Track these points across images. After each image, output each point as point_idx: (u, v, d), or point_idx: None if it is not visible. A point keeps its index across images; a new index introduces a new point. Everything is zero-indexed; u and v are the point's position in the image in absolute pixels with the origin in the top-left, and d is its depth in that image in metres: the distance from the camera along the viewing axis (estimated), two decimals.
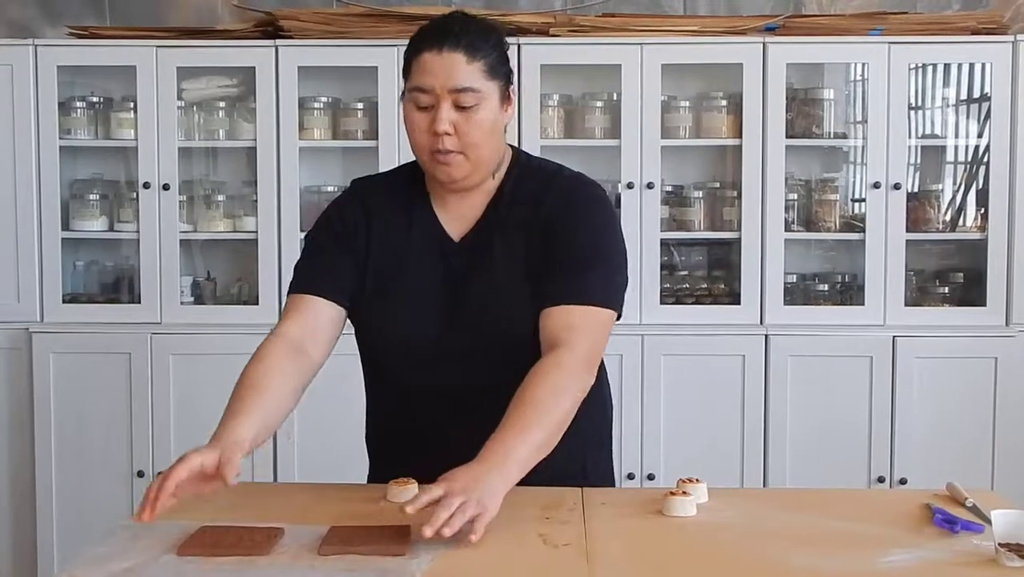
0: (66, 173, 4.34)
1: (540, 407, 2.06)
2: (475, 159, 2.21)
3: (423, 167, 2.27)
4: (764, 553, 1.86)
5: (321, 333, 2.25)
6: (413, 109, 2.20)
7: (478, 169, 2.23)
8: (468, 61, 2.16)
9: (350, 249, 2.29)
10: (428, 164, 2.23)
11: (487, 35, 2.22)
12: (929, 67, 4.34)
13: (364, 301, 2.28)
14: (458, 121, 2.17)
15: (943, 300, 4.31)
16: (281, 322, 2.26)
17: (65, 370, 4.18)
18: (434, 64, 2.16)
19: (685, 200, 4.33)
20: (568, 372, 2.12)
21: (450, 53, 2.16)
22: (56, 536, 4.19)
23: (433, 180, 2.28)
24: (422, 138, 2.20)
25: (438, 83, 2.15)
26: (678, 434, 3.99)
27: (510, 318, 2.22)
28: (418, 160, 2.27)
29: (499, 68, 2.22)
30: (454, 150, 2.18)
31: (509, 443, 2.00)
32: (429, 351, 2.24)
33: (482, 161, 2.23)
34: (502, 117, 2.24)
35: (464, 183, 2.25)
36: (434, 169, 2.22)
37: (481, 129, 2.18)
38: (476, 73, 2.17)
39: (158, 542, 1.87)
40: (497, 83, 2.21)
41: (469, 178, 2.24)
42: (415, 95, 2.18)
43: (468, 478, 1.92)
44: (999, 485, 3.96)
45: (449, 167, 2.20)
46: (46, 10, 4.61)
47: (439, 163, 2.20)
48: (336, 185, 4.37)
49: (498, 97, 2.22)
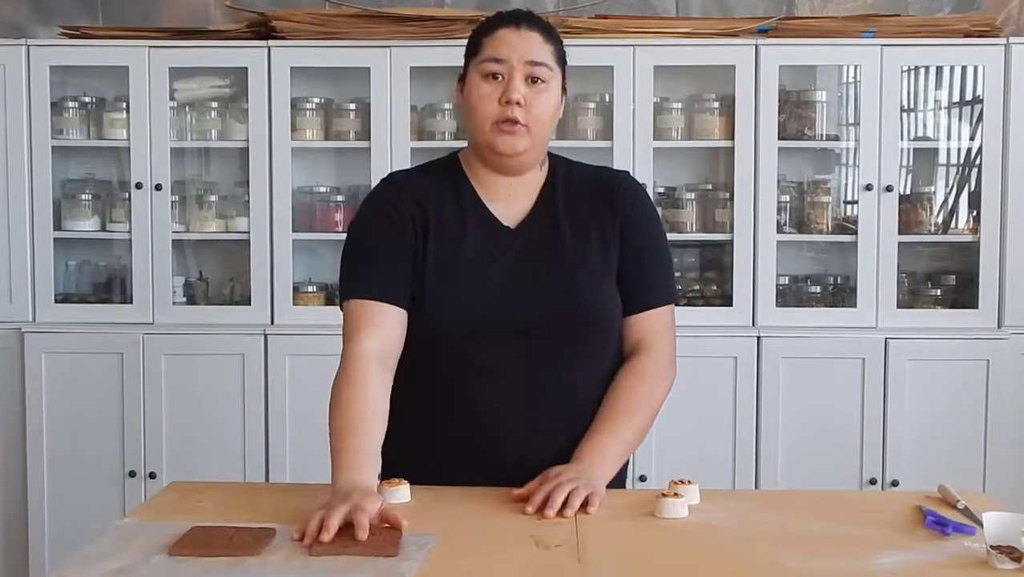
0: (58, 173, 4.33)
1: (632, 410, 2.27)
2: (536, 135, 2.26)
3: (480, 140, 2.27)
4: (756, 555, 1.86)
5: (397, 342, 2.24)
6: (481, 81, 2.24)
7: (535, 147, 2.28)
8: (544, 41, 2.27)
9: (407, 243, 2.27)
10: (490, 135, 2.25)
11: (554, 28, 2.34)
12: (921, 69, 4.35)
13: (425, 288, 2.25)
14: (528, 95, 2.23)
15: (935, 302, 4.31)
16: (359, 335, 2.20)
17: (57, 370, 4.18)
18: (512, 38, 2.24)
19: (677, 202, 4.33)
20: (656, 376, 2.32)
21: (528, 31, 2.26)
22: (48, 536, 4.19)
23: (484, 161, 2.30)
24: (489, 107, 2.23)
25: (515, 54, 2.23)
26: (670, 435, 3.99)
27: (585, 294, 2.27)
28: (476, 134, 2.28)
29: (563, 60, 2.32)
30: (521, 121, 2.22)
31: (605, 443, 2.21)
32: (491, 328, 2.23)
33: (541, 140, 2.28)
34: (560, 107, 2.32)
35: (521, 158, 2.27)
36: (496, 139, 2.24)
37: (548, 107, 2.26)
38: (550, 53, 2.28)
39: (150, 543, 1.86)
40: (561, 71, 2.30)
41: (527, 154, 2.27)
42: (488, 65, 2.24)
43: (572, 470, 2.12)
44: (991, 487, 3.97)
45: (513, 136, 2.23)
46: (38, 10, 4.61)
47: (503, 132, 2.23)
48: (328, 186, 4.38)
49: (560, 86, 2.30)
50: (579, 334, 2.26)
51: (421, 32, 4.19)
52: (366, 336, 2.20)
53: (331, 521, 1.84)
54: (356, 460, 2.04)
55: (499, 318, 2.23)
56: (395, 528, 1.88)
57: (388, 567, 1.75)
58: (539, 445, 2.22)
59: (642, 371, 2.31)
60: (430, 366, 2.26)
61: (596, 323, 2.28)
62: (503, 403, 2.24)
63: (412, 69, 4.15)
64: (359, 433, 2.09)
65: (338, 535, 1.84)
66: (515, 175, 2.31)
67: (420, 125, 4.28)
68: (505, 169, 2.29)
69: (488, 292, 2.24)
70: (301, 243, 4.29)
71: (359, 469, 2.03)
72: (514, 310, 2.24)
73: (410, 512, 1.95)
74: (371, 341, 2.19)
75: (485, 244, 2.28)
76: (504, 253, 2.28)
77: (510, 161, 2.27)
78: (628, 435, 2.25)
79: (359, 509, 1.87)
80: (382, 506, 1.92)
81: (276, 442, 4.14)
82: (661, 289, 2.36)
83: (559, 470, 2.13)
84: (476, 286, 2.25)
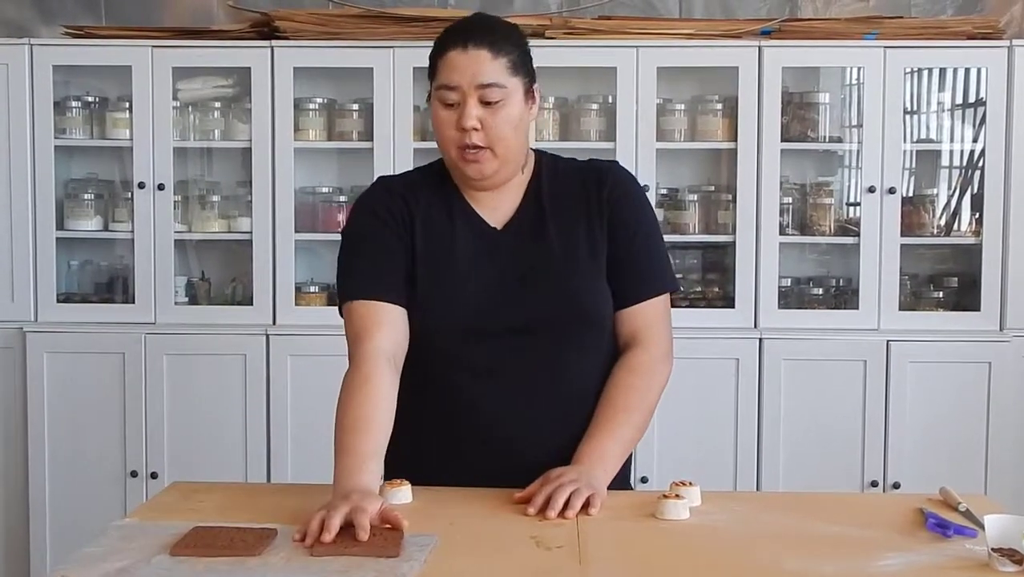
0: (61, 173, 4.33)
1: (630, 408, 2.26)
2: (502, 154, 2.23)
3: (451, 165, 2.28)
4: (757, 557, 1.86)
5: (404, 341, 2.24)
6: (440, 108, 2.23)
7: (505, 165, 2.26)
8: (493, 57, 2.20)
9: (401, 241, 2.28)
10: (456, 161, 2.25)
11: (509, 33, 2.27)
12: (924, 71, 4.35)
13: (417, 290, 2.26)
14: (484, 117, 2.20)
15: (937, 305, 4.31)
16: (371, 334, 2.20)
17: (59, 370, 4.18)
18: (460, 61, 2.20)
19: (680, 203, 4.33)
20: (653, 370, 2.31)
21: (475, 50, 2.20)
22: (49, 536, 4.18)
23: (463, 178, 2.30)
24: (450, 135, 2.22)
25: (464, 80, 2.19)
26: (672, 437, 3.99)
27: (574, 292, 2.26)
28: (446, 158, 2.29)
29: (522, 65, 2.26)
30: (482, 145, 2.21)
31: (604, 444, 2.21)
32: (484, 329, 2.24)
33: (509, 156, 2.26)
34: (527, 114, 2.28)
35: (493, 179, 2.27)
36: (463, 166, 2.24)
37: (508, 124, 2.22)
38: (501, 69, 2.21)
39: (151, 542, 1.86)
40: (521, 79, 2.25)
41: (498, 174, 2.26)
42: (442, 93, 2.22)
43: (573, 472, 2.12)
44: (992, 490, 3.96)
45: (478, 163, 2.23)
46: (42, 9, 4.61)
47: (467, 160, 2.22)
48: (331, 186, 4.38)
49: (522, 93, 2.26)
50: (572, 331, 2.26)
51: (424, 32, 4.19)
52: (378, 335, 2.19)
53: (332, 521, 1.84)
54: (359, 461, 2.04)
55: (491, 318, 2.23)
56: (396, 529, 1.88)
57: (389, 568, 1.75)
58: (537, 444, 2.22)
59: (638, 366, 2.30)
60: (426, 367, 2.26)
61: (588, 320, 2.28)
62: (499, 403, 2.24)
63: (415, 70, 4.14)
64: (364, 432, 2.08)
65: (339, 536, 1.84)
66: (494, 189, 2.31)
67: (423, 126, 4.28)
68: (482, 188, 2.30)
69: (478, 293, 2.25)
70: (303, 243, 4.29)
71: (361, 470, 2.03)
72: (505, 310, 2.24)
73: (411, 513, 1.96)
74: (383, 340, 2.19)
75: (473, 246, 2.28)
76: (493, 254, 2.28)
77: (483, 182, 2.27)
78: (627, 434, 2.26)
79: (359, 509, 1.87)
80: (383, 506, 1.92)
81: (278, 442, 4.14)
82: (653, 279, 2.34)
83: (560, 471, 2.13)
84: (466, 287, 2.25)
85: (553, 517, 2.01)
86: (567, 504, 2.03)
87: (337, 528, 1.84)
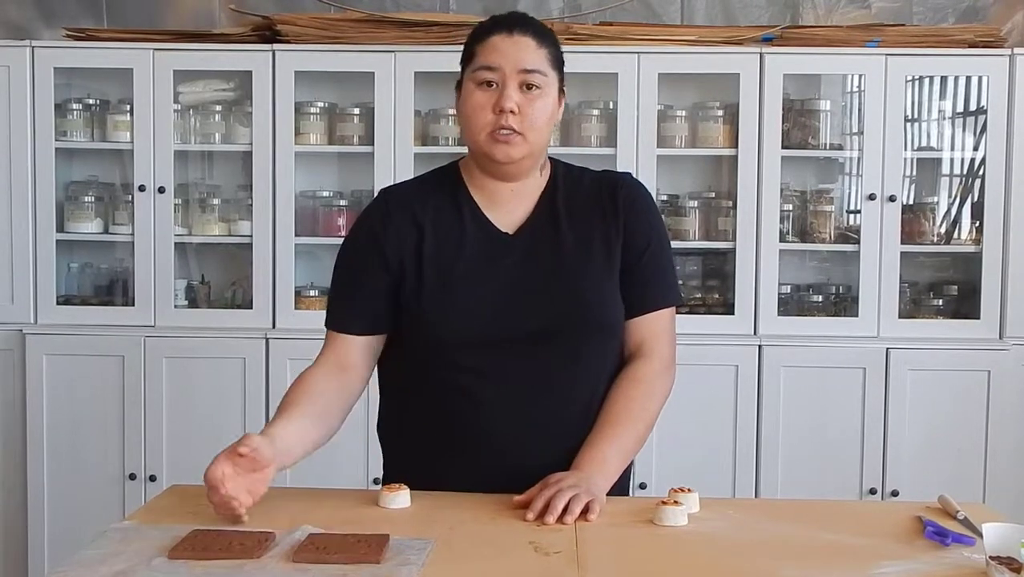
0: (61, 175, 4.34)
1: (632, 417, 2.27)
2: (533, 142, 2.24)
3: (477, 148, 2.27)
4: (755, 564, 1.86)
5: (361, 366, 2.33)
6: (475, 90, 2.23)
7: (532, 154, 2.27)
8: (537, 46, 2.24)
9: (384, 262, 2.28)
10: (485, 143, 2.24)
11: (550, 32, 2.31)
12: (925, 79, 4.35)
13: (423, 297, 2.26)
14: (522, 103, 2.22)
15: (937, 312, 4.31)
16: (326, 357, 2.33)
17: (58, 372, 4.18)
18: (504, 45, 2.22)
19: (680, 209, 4.34)
20: (655, 381, 2.32)
21: (521, 36, 2.24)
22: (47, 538, 4.19)
23: (482, 168, 2.30)
24: (483, 116, 2.23)
25: (508, 62, 2.21)
26: (670, 443, 3.99)
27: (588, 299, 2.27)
28: (472, 145, 2.28)
29: (559, 64, 2.30)
30: (517, 129, 2.21)
31: (604, 451, 2.21)
32: (493, 335, 2.23)
33: (538, 147, 2.27)
34: (557, 112, 2.30)
35: (518, 165, 2.27)
36: (492, 148, 2.24)
37: (544, 113, 2.24)
38: (543, 58, 2.25)
39: (149, 545, 1.86)
40: (557, 75, 2.28)
41: (524, 161, 2.26)
42: (481, 73, 2.23)
43: (573, 477, 2.13)
44: (991, 498, 3.97)
45: (509, 146, 2.22)
46: (43, 12, 4.61)
47: (499, 141, 2.22)
48: (331, 190, 4.38)
49: (556, 90, 2.29)
50: (582, 340, 2.26)
51: (426, 37, 4.20)
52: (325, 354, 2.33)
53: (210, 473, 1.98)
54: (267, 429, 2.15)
55: (500, 325, 2.23)
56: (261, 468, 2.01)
57: (388, 573, 1.75)
58: (541, 451, 2.22)
59: (641, 376, 2.30)
60: (432, 374, 2.26)
61: (599, 328, 2.27)
62: (504, 408, 2.23)
63: (416, 74, 4.15)
64: (282, 412, 2.22)
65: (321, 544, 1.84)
66: (514, 181, 2.31)
67: (424, 130, 4.29)
68: (504, 175, 2.29)
69: (488, 299, 2.24)
70: (303, 247, 4.29)
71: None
72: (515, 316, 2.23)
73: (410, 517, 1.96)
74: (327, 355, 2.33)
75: (483, 251, 2.28)
76: (503, 259, 2.27)
77: (508, 168, 2.27)
78: (628, 442, 2.26)
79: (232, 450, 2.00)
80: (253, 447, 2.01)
81: None
82: (661, 292, 2.35)
83: (559, 477, 2.13)
84: (476, 293, 2.24)
85: (552, 522, 2.01)
86: (566, 509, 2.03)
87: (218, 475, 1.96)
